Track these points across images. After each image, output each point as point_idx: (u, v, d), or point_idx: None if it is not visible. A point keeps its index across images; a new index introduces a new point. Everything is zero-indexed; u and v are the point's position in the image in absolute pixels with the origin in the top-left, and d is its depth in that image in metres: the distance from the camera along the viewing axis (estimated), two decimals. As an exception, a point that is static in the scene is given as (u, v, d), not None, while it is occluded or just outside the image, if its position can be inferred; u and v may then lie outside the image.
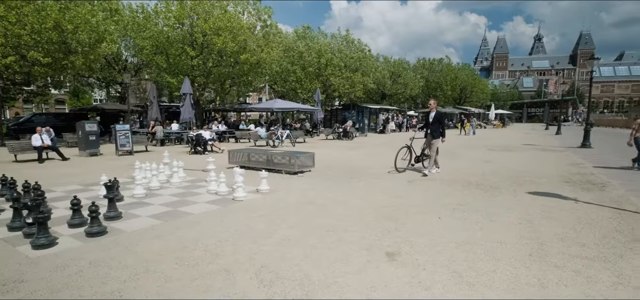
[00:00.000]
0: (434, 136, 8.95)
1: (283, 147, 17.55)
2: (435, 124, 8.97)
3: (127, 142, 13.64)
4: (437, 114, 9.05)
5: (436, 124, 8.96)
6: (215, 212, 5.37)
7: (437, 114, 9.05)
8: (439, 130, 8.96)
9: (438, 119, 9.00)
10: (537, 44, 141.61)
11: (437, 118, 9.01)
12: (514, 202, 6.11)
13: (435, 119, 9.02)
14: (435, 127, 8.98)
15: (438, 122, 8.96)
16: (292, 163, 8.82)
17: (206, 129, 16.15)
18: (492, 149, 16.98)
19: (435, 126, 8.97)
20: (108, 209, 4.79)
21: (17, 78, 18.48)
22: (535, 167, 10.48)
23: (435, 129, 8.98)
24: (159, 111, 21.72)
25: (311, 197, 6.43)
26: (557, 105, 79.72)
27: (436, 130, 8.97)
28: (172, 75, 21.99)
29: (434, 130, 8.99)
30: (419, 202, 6.14)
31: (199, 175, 8.69)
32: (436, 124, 8.96)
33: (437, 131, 8.96)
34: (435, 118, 9.02)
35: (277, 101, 25.92)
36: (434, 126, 8.98)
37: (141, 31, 21.62)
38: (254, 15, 23.94)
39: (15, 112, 40.37)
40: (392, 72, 45.86)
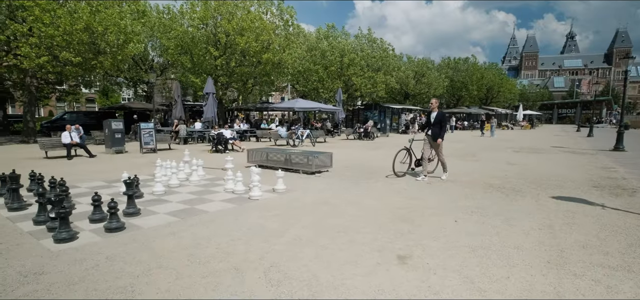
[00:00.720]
0: (434, 137, 8.42)
1: (303, 146, 17.63)
2: (436, 124, 8.43)
3: (151, 140, 14.05)
4: (439, 114, 8.47)
5: (437, 125, 8.43)
6: (230, 211, 5.45)
7: (438, 113, 8.47)
8: (439, 131, 8.41)
9: (439, 119, 8.43)
10: (569, 42, 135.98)
11: (439, 118, 8.44)
12: (536, 207, 5.90)
13: (436, 119, 8.46)
14: (436, 128, 8.43)
15: (439, 123, 8.41)
16: (310, 163, 8.85)
17: (227, 128, 16.41)
18: (518, 150, 16.48)
19: (437, 127, 8.43)
20: (127, 205, 4.95)
21: (50, 77, 19.35)
22: (562, 171, 10.10)
23: (436, 130, 8.43)
24: (183, 110, 22.24)
25: (327, 198, 6.42)
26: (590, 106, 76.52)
27: (437, 131, 8.42)
28: (196, 75, 22.49)
29: (435, 132, 8.45)
30: (436, 204, 6.03)
31: (217, 174, 8.85)
32: (437, 124, 8.43)
33: (437, 132, 8.41)
34: (437, 118, 8.46)
35: (299, 101, 26.06)
36: (435, 127, 8.44)
37: (167, 31, 22.24)
38: (277, 16, 24.18)
39: (48, 110, 42.29)
40: (415, 71, 45.24)
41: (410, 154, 8.98)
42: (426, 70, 46.97)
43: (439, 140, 8.32)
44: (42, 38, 15.55)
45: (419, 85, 45.40)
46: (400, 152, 8.98)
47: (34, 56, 15.57)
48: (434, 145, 8.49)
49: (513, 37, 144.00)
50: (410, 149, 8.96)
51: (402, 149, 9.05)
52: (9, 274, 3.23)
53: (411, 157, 9.00)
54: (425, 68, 47.39)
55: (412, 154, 8.98)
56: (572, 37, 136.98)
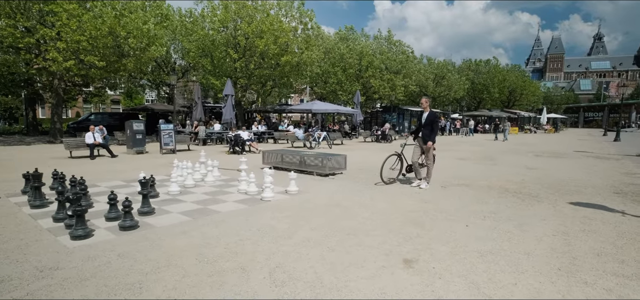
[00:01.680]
0: (425, 140, 7.70)
1: (319, 149, 17.68)
2: (427, 126, 7.69)
3: (171, 141, 14.39)
4: (430, 115, 7.70)
5: (428, 127, 7.68)
6: (241, 212, 5.54)
7: (430, 114, 7.71)
8: (430, 134, 7.66)
9: (431, 120, 7.66)
10: (596, 43, 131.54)
11: (430, 119, 7.66)
12: (552, 213, 5.75)
13: (427, 120, 7.69)
14: (427, 130, 7.69)
15: (430, 124, 7.65)
16: (324, 165, 8.88)
17: (245, 130, 16.64)
18: (539, 155, 16.06)
19: (427, 129, 7.69)
20: (142, 204, 5.10)
21: (76, 80, 20.10)
22: (583, 176, 9.79)
23: (427, 132, 7.69)
24: (203, 112, 22.68)
25: (338, 200, 6.44)
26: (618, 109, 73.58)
27: (428, 133, 7.68)
28: (216, 77, 22.91)
29: (426, 134, 7.70)
30: (448, 208, 5.96)
31: (233, 175, 8.99)
32: (428, 126, 7.67)
33: (428, 134, 7.67)
34: (428, 119, 7.68)
35: (316, 103, 26.17)
36: (426, 129, 7.70)
37: (188, 34, 22.77)
38: (297, 18, 24.37)
39: (75, 111, 43.85)
40: (435, 74, 44.67)
41: (402, 160, 8.31)
42: (446, 72, 46.30)
43: (429, 143, 7.65)
44: (69, 43, 16.19)
45: (439, 87, 44.80)
46: (390, 158, 8.39)
47: (62, 60, 16.21)
48: (424, 149, 7.78)
49: (537, 38, 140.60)
50: (401, 154, 8.29)
51: (392, 154, 8.44)
52: (26, 269, 3.40)
53: (402, 162, 8.33)
54: (446, 70, 46.73)
55: (403, 160, 8.32)
56: (600, 38, 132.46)
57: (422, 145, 7.77)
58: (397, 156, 8.30)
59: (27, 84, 23.54)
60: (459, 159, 13.84)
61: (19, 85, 23.79)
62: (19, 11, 16.33)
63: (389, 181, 8.13)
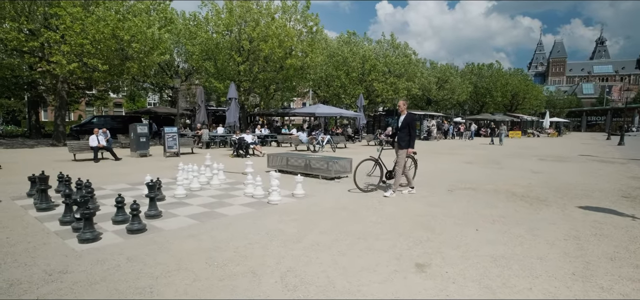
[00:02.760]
0: (401, 145, 7.14)
1: (323, 152, 17.64)
2: (404, 129, 7.13)
3: (175, 144, 14.38)
4: (407, 117, 7.17)
5: (405, 130, 7.12)
6: (249, 215, 5.50)
7: (407, 117, 7.18)
8: (407, 138, 7.10)
9: (408, 123, 7.10)
10: (599, 47, 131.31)
11: (407, 122, 7.11)
12: (562, 217, 5.70)
13: (404, 123, 7.14)
14: (403, 133, 7.13)
15: (407, 127, 7.10)
16: (329, 168, 8.84)
17: (248, 133, 16.62)
18: (544, 158, 15.99)
19: (404, 132, 7.12)
20: (149, 207, 5.07)
21: (80, 83, 20.14)
22: (590, 180, 9.72)
23: (403, 137, 7.13)
24: (206, 115, 22.69)
25: (345, 203, 6.40)
26: (621, 113, 73.42)
27: (404, 137, 7.12)
28: (219, 81, 22.92)
29: (401, 138, 7.14)
30: (457, 212, 5.91)
31: (238, 178, 8.96)
32: (405, 129, 7.12)
33: (405, 139, 7.11)
34: (405, 122, 7.13)
35: (320, 106, 26.15)
36: (402, 133, 7.15)
37: (192, 38, 22.81)
38: (301, 22, 24.39)
39: (78, 114, 43.94)
40: (438, 77, 44.69)
41: (381, 166, 7.71)
42: (449, 76, 46.30)
43: (409, 149, 7.10)
44: (72, 46, 16.23)
45: (442, 91, 44.81)
46: (364, 163, 7.73)
47: (65, 63, 16.25)
48: (398, 155, 7.21)
49: (539, 42, 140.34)
50: (379, 160, 7.69)
51: (367, 159, 7.83)
52: (35, 272, 3.36)
53: (382, 169, 7.72)
54: (448, 73, 46.73)
55: (382, 166, 7.72)
56: (602, 42, 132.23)
57: (397, 150, 7.25)
58: (374, 162, 7.74)
59: (31, 86, 23.61)
60: (465, 163, 13.78)
61: (22, 88, 23.85)
62: (23, 14, 16.39)
63: (368, 188, 7.60)
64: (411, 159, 8.00)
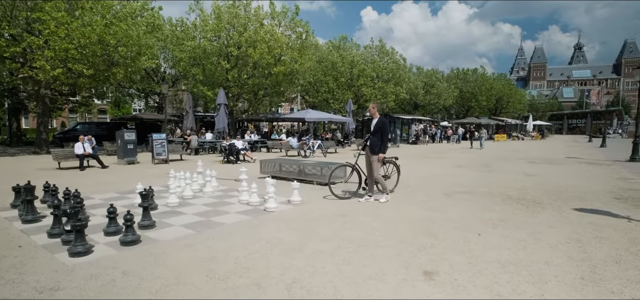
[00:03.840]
0: (373, 150, 6.73)
1: (314, 157, 17.53)
2: (376, 134, 6.73)
3: (163, 151, 14.08)
4: (379, 122, 6.77)
5: (377, 134, 6.72)
6: (246, 223, 5.34)
7: (379, 121, 6.79)
8: (379, 143, 6.70)
9: (379, 127, 6.73)
10: (577, 53, 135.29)
11: (378, 127, 6.74)
12: (560, 220, 5.71)
13: (376, 127, 6.76)
14: (376, 138, 6.73)
15: (379, 131, 6.72)
16: (324, 174, 8.72)
17: (239, 139, 16.41)
18: (533, 161, 16.21)
19: (376, 137, 6.73)
20: (142, 217, 4.87)
21: (63, 89, 19.61)
22: (581, 182, 9.84)
23: (375, 141, 6.73)
24: (194, 121, 22.37)
25: (343, 209, 6.29)
26: (600, 116, 75.70)
27: (376, 142, 6.72)
28: (207, 87, 22.64)
29: (373, 144, 6.74)
30: (456, 216, 5.86)
31: (231, 185, 8.78)
32: (377, 134, 6.72)
33: (377, 144, 6.71)
34: (376, 127, 6.76)
35: (309, 111, 26.09)
36: (374, 137, 6.75)
37: (180, 44, 22.51)
38: (291, 28, 24.32)
39: (61, 121, 42.89)
40: (425, 82, 45.19)
41: (358, 172, 7.31)
42: (435, 80, 46.90)
43: (380, 155, 6.70)
44: (56, 51, 15.80)
45: (428, 95, 45.29)
46: (340, 169, 7.51)
47: (49, 68, 15.80)
48: (371, 160, 6.81)
49: (521, 48, 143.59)
50: (356, 165, 7.25)
51: (343, 165, 7.59)
52: (24, 290, 3.15)
53: (359, 175, 7.34)
54: (435, 78, 47.35)
55: (360, 172, 7.31)
56: (580, 48, 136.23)
57: (369, 156, 6.85)
58: (351, 168, 7.38)
59: (12, 93, 22.91)
60: (456, 167, 13.85)
61: (2, 95, 23.14)
62: (5, 19, 15.89)
63: (345, 195, 7.30)
64: (393, 165, 7.82)
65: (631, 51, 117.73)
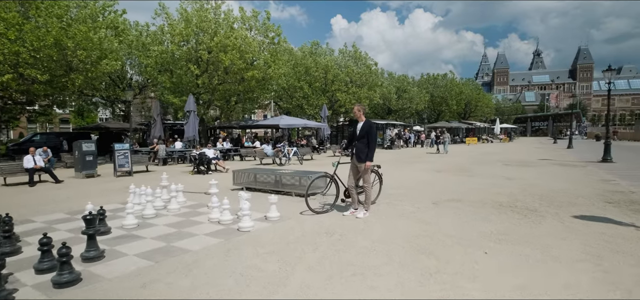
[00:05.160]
0: (360, 158, 6.04)
1: (290, 165, 16.77)
2: (362, 139, 6.05)
3: (126, 163, 12.89)
4: (365, 125, 6.07)
5: (364, 140, 6.02)
6: (216, 248, 4.53)
7: (365, 124, 6.09)
8: (366, 149, 5.99)
9: (366, 132, 6.03)
10: (536, 59, 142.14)
11: (366, 131, 6.03)
12: (565, 230, 5.24)
13: (362, 132, 6.06)
14: (362, 144, 6.03)
15: (366, 137, 6.02)
16: (303, 184, 8.00)
17: (210, 147, 15.42)
18: (508, 164, 16.13)
19: (363, 143, 6.02)
20: (87, 247, 3.97)
21: (16, 97, 17.93)
22: (565, 185, 9.61)
23: (362, 148, 6.02)
24: (162, 129, 21.09)
25: (327, 225, 5.59)
26: (560, 118, 79.50)
27: (363, 149, 6.01)
28: (175, 95, 21.45)
29: (360, 150, 6.04)
30: (452, 230, 5.29)
31: (200, 199, 7.89)
32: (363, 139, 6.03)
33: (364, 150, 6.00)
34: (363, 131, 6.05)
35: (284, 117, 25.30)
36: (361, 143, 6.05)
37: (146, 50, 21.22)
38: (262, 32, 23.51)
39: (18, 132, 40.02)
40: (397, 87, 45.49)
41: (337, 183, 6.59)
42: (407, 85, 47.38)
43: (368, 163, 5.99)
44: (6, 55, 14.31)
45: (401, 100, 45.58)
46: (320, 179, 6.90)
47: (-4, 74, 14.29)
48: (359, 170, 6.14)
49: (484, 54, 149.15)
50: (335, 176, 6.53)
51: (322, 176, 6.92)
52: None
53: (338, 186, 6.60)
54: (406, 83, 47.86)
55: (338, 183, 6.60)
56: (539, 54, 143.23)
57: (357, 164, 6.15)
58: (329, 178, 6.66)
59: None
60: (436, 172, 13.47)
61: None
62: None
63: (324, 209, 6.59)
64: (375, 173, 7.11)
65: (585, 57, 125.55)
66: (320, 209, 6.62)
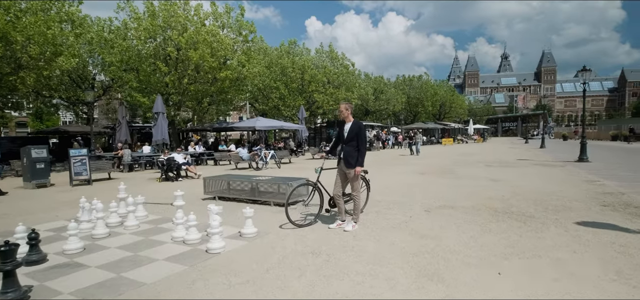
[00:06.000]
0: (348, 163, 5.28)
1: (268, 169, 15.92)
2: (351, 142, 5.28)
3: (84, 170, 11.67)
4: (354, 126, 5.32)
5: (352, 143, 5.28)
6: (178, 279, 3.69)
7: (354, 125, 5.33)
8: (355, 153, 5.26)
9: (356, 133, 5.28)
10: (504, 62, 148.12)
11: (355, 132, 5.28)
12: (572, 240, 4.73)
13: (351, 134, 5.30)
14: (351, 147, 5.28)
15: (355, 139, 5.27)
16: (282, 192, 7.23)
17: (180, 152, 14.35)
18: (490, 164, 15.95)
19: (352, 146, 5.28)
20: (2, 287, 3.06)
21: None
22: (554, 187, 9.32)
23: (350, 152, 5.27)
24: (128, 133, 19.72)
25: (312, 242, 4.86)
26: (528, 119, 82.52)
27: (352, 153, 5.27)
28: (143, 94, 20.13)
29: (349, 154, 5.28)
30: (454, 244, 4.67)
31: (165, 212, 6.97)
32: (352, 142, 5.28)
33: (353, 155, 5.26)
34: (352, 133, 5.30)
35: (260, 119, 24.37)
36: (349, 146, 5.29)
37: (110, 47, 19.79)
38: (235, 30, 22.46)
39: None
40: (374, 88, 45.43)
41: (320, 191, 5.77)
42: (384, 87, 47.41)
43: (357, 168, 5.25)
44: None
45: (378, 101, 45.51)
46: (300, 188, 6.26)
47: None
48: (348, 176, 5.38)
49: (456, 57, 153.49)
50: (318, 184, 5.71)
51: (303, 184, 6.18)
52: None
53: (322, 195, 5.79)
54: (383, 84, 47.90)
55: (322, 192, 5.79)
56: (506, 57, 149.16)
57: (345, 170, 5.37)
58: (312, 187, 5.83)
59: None
60: (419, 174, 13.03)
61: None
62: None
63: (306, 221, 5.82)
64: (362, 179, 6.24)
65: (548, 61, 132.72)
66: (302, 221, 5.87)
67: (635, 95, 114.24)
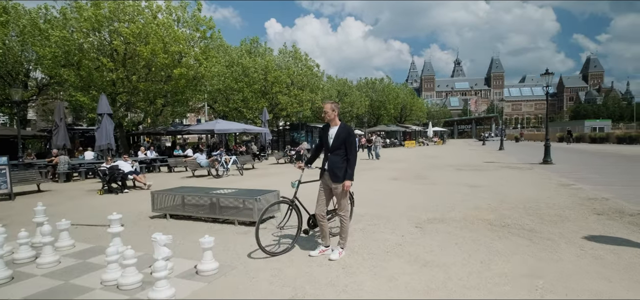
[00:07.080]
0: (335, 176, 4.29)
1: (229, 176, 14.56)
2: (338, 150, 4.31)
3: (3, 183, 9.77)
4: (342, 131, 4.35)
5: (340, 152, 4.31)
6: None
7: (342, 129, 4.36)
8: (343, 164, 4.28)
9: (344, 140, 4.30)
10: (457, 67, 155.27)
11: (342, 139, 4.30)
12: (595, 263, 4.08)
13: (338, 139, 4.32)
14: (338, 157, 4.31)
15: (343, 146, 4.30)
16: (248, 207, 6.08)
17: (126, 159, 12.68)
18: (460, 168, 15.66)
19: (339, 156, 4.31)
20: None
21: None
22: (536, 193, 8.98)
23: (337, 162, 4.30)
24: (67, 137, 17.47)
25: (291, 279, 3.78)
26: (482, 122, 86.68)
27: (340, 163, 4.29)
28: (84, 93, 17.97)
29: (335, 165, 4.30)
30: (468, 275, 3.80)
31: (100, 239, 5.56)
32: (340, 150, 4.31)
33: (341, 166, 4.29)
34: (339, 138, 4.31)
35: (220, 122, 22.79)
36: (336, 155, 4.32)
37: (44, 38, 17.45)
38: (192, 25, 20.77)
39: None
40: (338, 90, 45.00)
41: (298, 210, 4.70)
42: (348, 89, 47.12)
43: (346, 182, 4.26)
44: None
45: (342, 104, 45.10)
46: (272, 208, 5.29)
47: None
48: (335, 192, 4.40)
49: (412, 62, 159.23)
50: (295, 200, 4.64)
51: (279, 202, 5.10)
52: None
53: (300, 214, 4.73)
54: (347, 87, 47.61)
55: (300, 210, 4.74)
56: (459, 63, 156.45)
57: (330, 184, 4.39)
58: (288, 205, 4.70)
59: None
60: (393, 180, 12.33)
61: None
62: None
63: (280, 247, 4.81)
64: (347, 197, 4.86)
65: (497, 67, 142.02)
66: (276, 247, 4.79)
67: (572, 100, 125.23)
